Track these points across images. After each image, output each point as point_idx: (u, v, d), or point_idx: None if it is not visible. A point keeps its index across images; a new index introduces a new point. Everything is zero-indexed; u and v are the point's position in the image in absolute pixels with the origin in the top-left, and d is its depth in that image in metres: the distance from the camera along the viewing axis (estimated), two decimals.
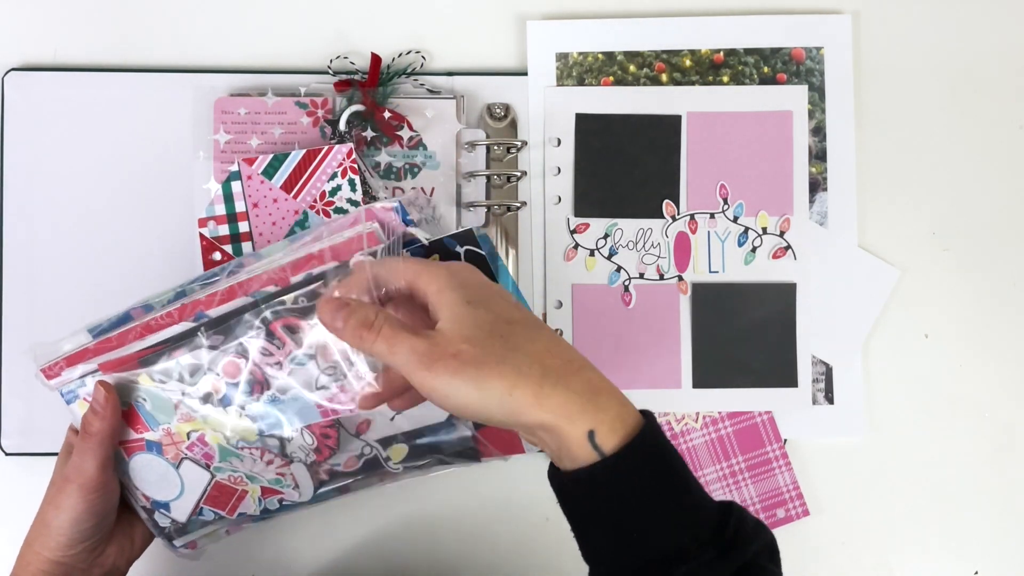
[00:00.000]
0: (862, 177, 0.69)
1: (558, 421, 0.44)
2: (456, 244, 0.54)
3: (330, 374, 0.52)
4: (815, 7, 0.69)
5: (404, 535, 0.67)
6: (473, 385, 0.44)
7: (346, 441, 0.55)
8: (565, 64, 0.68)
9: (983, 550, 0.69)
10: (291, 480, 0.56)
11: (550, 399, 0.44)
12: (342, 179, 0.64)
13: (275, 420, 0.54)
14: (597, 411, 0.44)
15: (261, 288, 0.53)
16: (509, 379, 0.44)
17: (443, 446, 0.56)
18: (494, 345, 0.45)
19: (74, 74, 0.67)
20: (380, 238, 0.53)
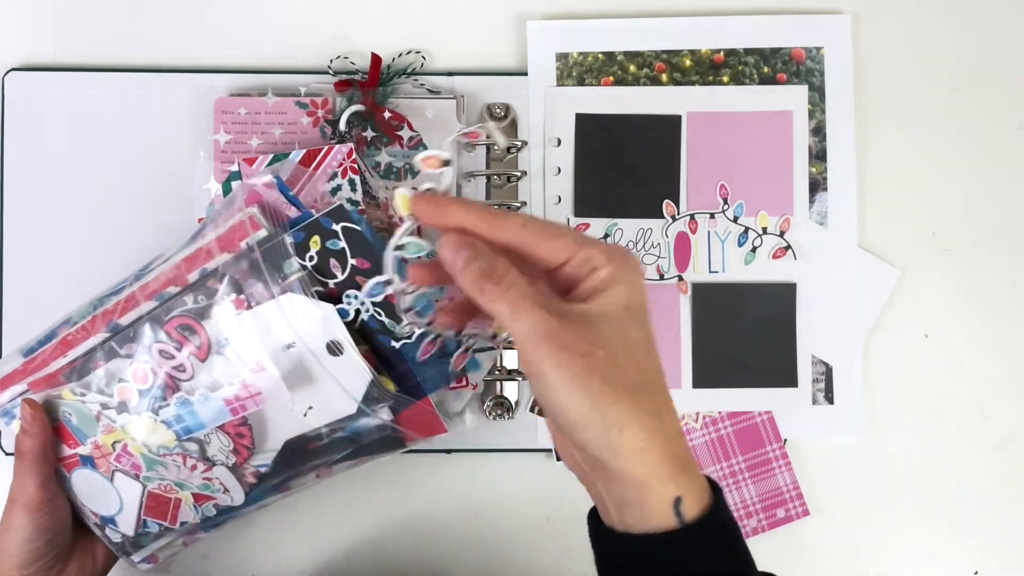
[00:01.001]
0: (862, 177, 0.69)
1: (650, 480, 0.40)
2: (332, 222, 0.54)
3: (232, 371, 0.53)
4: (815, 7, 0.69)
5: (404, 535, 0.67)
6: (588, 399, 0.39)
7: (261, 440, 0.55)
8: (565, 64, 0.68)
9: (983, 550, 0.69)
10: (219, 484, 0.56)
11: (652, 454, 0.39)
12: (342, 179, 0.64)
13: (188, 423, 0.54)
14: (687, 480, 0.40)
15: (163, 290, 0.53)
16: (628, 416, 0.39)
17: (363, 436, 0.55)
18: (628, 370, 0.40)
19: (74, 74, 0.67)
20: (260, 221, 0.53)
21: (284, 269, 0.52)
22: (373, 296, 0.54)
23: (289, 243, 0.53)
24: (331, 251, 0.54)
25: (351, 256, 0.54)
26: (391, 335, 0.54)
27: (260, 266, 0.52)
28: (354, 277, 0.54)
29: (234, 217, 0.54)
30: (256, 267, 0.52)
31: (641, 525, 0.40)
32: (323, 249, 0.54)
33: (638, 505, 0.40)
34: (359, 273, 0.54)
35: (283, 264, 0.52)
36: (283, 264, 0.52)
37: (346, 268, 0.54)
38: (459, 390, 0.65)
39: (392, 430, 0.55)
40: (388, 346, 0.55)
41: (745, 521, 0.67)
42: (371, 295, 0.54)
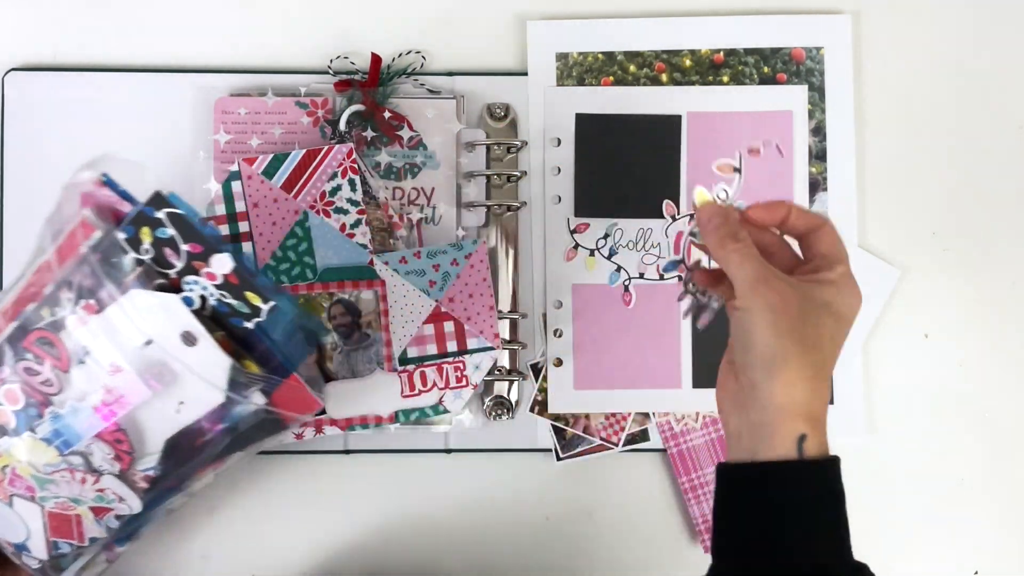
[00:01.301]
0: (862, 177, 0.69)
1: (787, 411, 0.47)
2: (154, 210, 0.52)
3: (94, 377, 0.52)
4: (815, 7, 0.69)
5: (404, 535, 0.67)
6: (774, 331, 0.47)
7: (140, 443, 0.54)
8: (565, 64, 0.68)
9: (983, 550, 0.69)
10: (112, 494, 0.55)
11: (798, 394, 0.48)
12: (342, 179, 0.64)
13: (66, 437, 0.53)
14: (816, 431, 0.48)
15: (22, 308, 0.53)
16: (795, 357, 0.47)
17: (240, 424, 0.54)
18: (810, 335, 0.48)
19: (74, 74, 0.67)
20: (93, 223, 0.52)
21: (122, 267, 0.51)
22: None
23: (122, 239, 0.51)
24: (163, 240, 0.52)
25: (182, 242, 0.52)
26: (242, 316, 0.53)
27: (98, 269, 0.51)
28: (191, 263, 0.52)
29: (71, 223, 0.53)
30: (96, 270, 0.51)
31: (766, 453, 0.48)
32: (155, 240, 0.52)
33: (770, 432, 0.48)
34: (195, 258, 0.52)
35: (120, 262, 0.51)
36: (120, 262, 0.51)
37: (181, 255, 0.52)
38: (459, 390, 0.65)
39: (268, 413, 0.54)
40: (243, 328, 0.53)
41: None
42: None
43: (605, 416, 0.67)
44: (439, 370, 0.64)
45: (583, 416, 0.67)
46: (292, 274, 0.64)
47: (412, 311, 0.64)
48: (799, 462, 0.47)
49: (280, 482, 0.67)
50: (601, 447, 0.67)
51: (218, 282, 0.52)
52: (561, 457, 0.67)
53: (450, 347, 0.64)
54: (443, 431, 0.67)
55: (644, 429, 0.67)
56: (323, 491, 0.67)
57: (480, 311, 0.65)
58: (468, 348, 0.64)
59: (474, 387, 0.65)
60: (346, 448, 0.67)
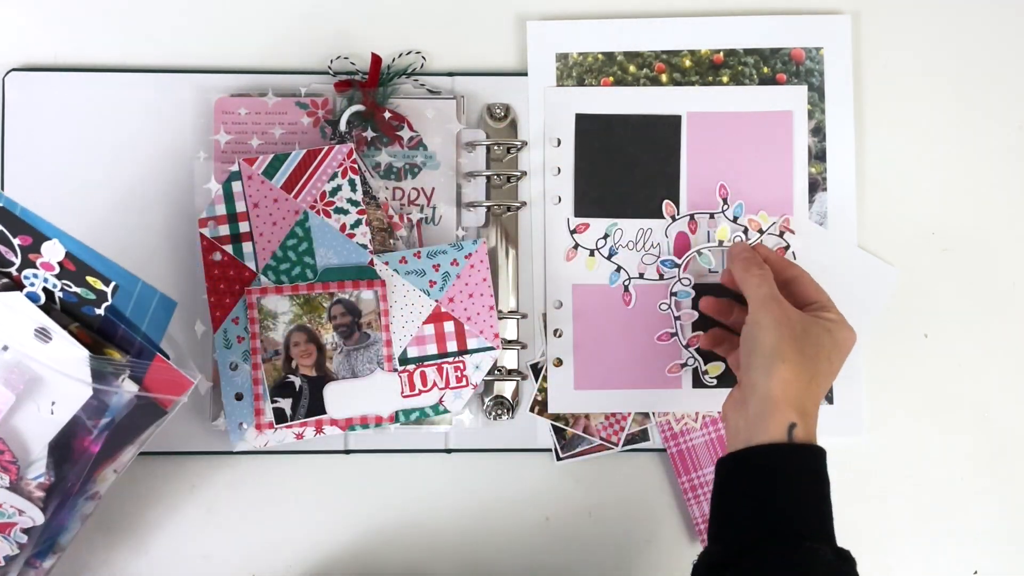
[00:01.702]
0: (862, 177, 0.69)
1: (781, 403, 0.53)
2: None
3: None
4: (815, 7, 0.69)
5: (404, 535, 0.67)
6: (776, 336, 0.54)
7: (23, 451, 0.53)
8: (565, 64, 0.68)
9: (983, 550, 0.69)
10: (10, 508, 0.54)
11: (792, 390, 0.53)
12: (342, 179, 0.64)
13: None
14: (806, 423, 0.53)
15: None
16: (792, 359, 0.54)
17: (119, 414, 0.53)
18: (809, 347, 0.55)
19: (74, 74, 0.67)
20: None
21: None
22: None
23: None
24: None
25: (12, 235, 0.51)
26: (90, 303, 0.52)
27: None
28: (27, 256, 0.51)
29: None
30: None
31: (760, 439, 0.53)
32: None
33: (765, 420, 0.53)
34: (28, 250, 0.51)
35: None
36: None
37: (15, 250, 0.51)
38: (459, 390, 0.65)
39: (140, 399, 0.54)
40: (96, 315, 0.52)
41: None
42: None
43: (605, 416, 0.67)
44: (439, 370, 0.64)
45: (583, 416, 0.67)
46: (292, 274, 0.64)
47: (412, 311, 0.64)
48: (787, 444, 0.53)
49: (280, 482, 0.67)
50: (601, 447, 0.67)
51: (56, 271, 0.51)
52: (561, 457, 0.67)
53: (450, 347, 0.64)
54: (443, 431, 0.67)
55: (644, 429, 0.67)
56: (323, 491, 0.67)
57: (480, 311, 0.65)
58: (468, 348, 0.65)
59: (474, 387, 0.65)
60: (346, 448, 0.67)
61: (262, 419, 0.63)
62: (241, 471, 0.67)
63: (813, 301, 0.60)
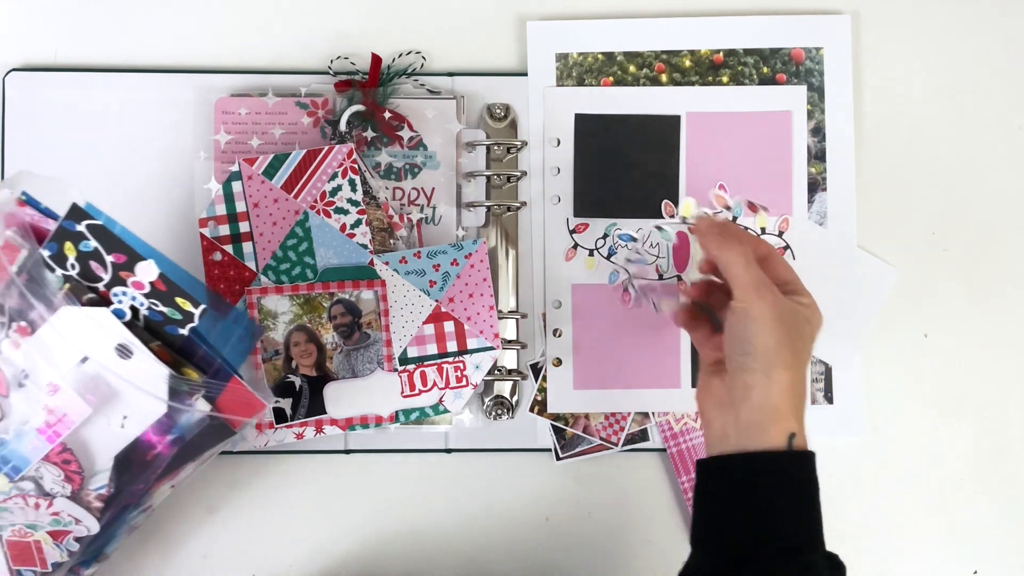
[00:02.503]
0: (861, 177, 0.69)
1: (783, 411, 0.50)
2: (74, 223, 0.51)
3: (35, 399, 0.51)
4: (815, 7, 0.69)
5: (403, 535, 0.67)
6: (776, 336, 0.50)
7: (89, 462, 0.53)
8: (565, 64, 0.68)
9: (983, 550, 0.69)
10: (68, 517, 0.55)
11: (792, 399, 0.51)
12: (342, 179, 0.64)
13: (14, 463, 0.52)
14: (802, 430, 0.51)
15: None
16: (792, 365, 0.51)
17: (187, 432, 0.54)
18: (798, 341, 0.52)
19: (74, 74, 0.67)
20: (17, 243, 0.51)
21: (51, 285, 0.51)
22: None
23: (46, 257, 0.51)
24: (87, 253, 0.51)
25: (106, 253, 0.52)
26: (175, 323, 0.52)
27: (26, 290, 0.50)
28: (118, 274, 0.52)
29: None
30: (24, 291, 0.51)
31: (755, 444, 0.50)
32: (80, 254, 0.51)
33: (763, 428, 0.50)
34: (120, 268, 0.51)
35: (48, 281, 0.51)
36: (48, 281, 0.51)
37: (107, 267, 0.52)
38: (459, 390, 0.65)
39: (213, 419, 0.54)
40: (177, 335, 0.53)
41: None
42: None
43: (605, 416, 0.67)
44: (439, 370, 0.65)
45: (583, 416, 0.67)
46: (292, 274, 0.64)
47: (412, 311, 0.64)
48: (788, 452, 0.50)
49: (280, 482, 0.67)
50: (601, 447, 0.67)
51: (146, 290, 0.52)
52: (561, 457, 0.67)
53: (450, 347, 0.64)
54: (443, 431, 0.67)
55: (644, 429, 0.67)
56: (323, 491, 0.67)
57: (480, 311, 0.65)
58: (468, 348, 0.65)
59: (474, 387, 0.65)
60: (346, 448, 0.67)
61: (262, 419, 0.63)
62: (241, 471, 0.67)
63: (786, 281, 0.55)
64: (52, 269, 0.51)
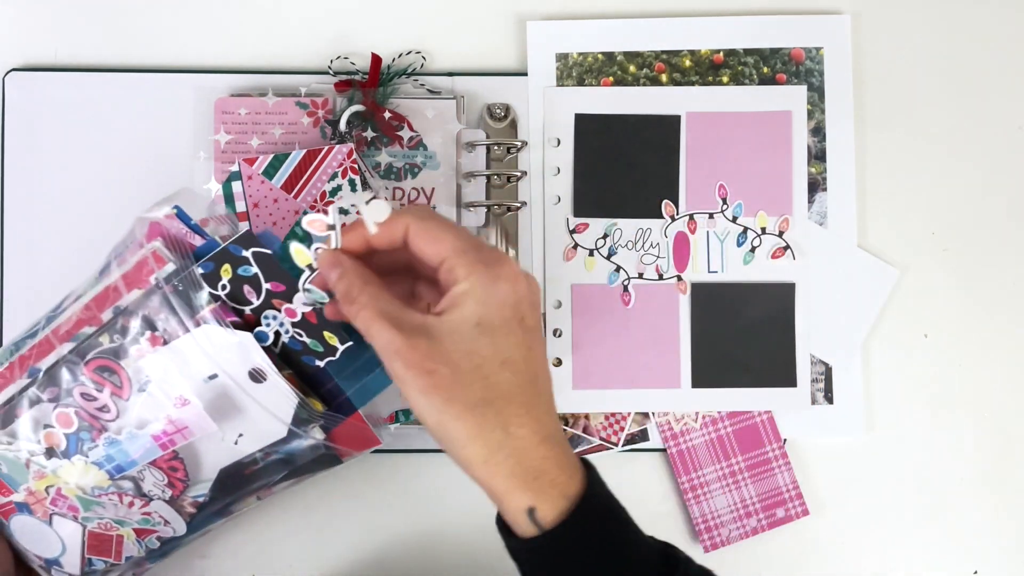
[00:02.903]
0: (862, 177, 0.69)
1: (498, 493, 0.44)
2: (241, 248, 0.52)
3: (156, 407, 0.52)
4: (815, 7, 0.69)
5: (403, 535, 0.67)
6: (435, 413, 0.42)
7: (196, 472, 0.54)
8: (565, 64, 0.68)
9: (983, 550, 0.69)
10: (159, 518, 0.56)
11: (497, 468, 0.43)
12: (342, 179, 0.64)
13: (119, 462, 0.53)
14: (538, 490, 0.43)
15: (77, 331, 0.53)
16: (468, 433, 0.42)
17: (297, 457, 0.55)
18: (474, 386, 0.42)
19: (74, 74, 0.67)
20: (165, 255, 0.52)
21: (196, 301, 0.51)
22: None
23: (199, 274, 0.52)
24: (244, 277, 0.52)
25: (265, 280, 0.52)
26: (314, 354, 0.53)
27: (171, 301, 0.51)
28: (270, 301, 0.53)
29: (138, 253, 0.53)
30: (167, 302, 0.51)
31: (515, 530, 0.44)
32: (235, 276, 0.52)
33: (502, 512, 0.44)
34: (275, 296, 0.52)
35: (194, 296, 0.51)
36: (194, 296, 0.51)
37: (261, 293, 0.52)
38: None
39: (326, 448, 0.55)
40: (312, 366, 0.54)
41: (745, 521, 0.67)
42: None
43: (605, 416, 0.67)
44: None
45: (583, 416, 0.67)
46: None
47: None
48: (542, 536, 0.43)
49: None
50: (601, 447, 0.67)
51: (297, 319, 0.52)
52: None
53: None
54: None
55: (644, 429, 0.67)
56: (323, 491, 0.67)
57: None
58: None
59: None
60: None
61: None
62: None
63: (439, 262, 0.44)
64: (201, 287, 0.51)
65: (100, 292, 0.53)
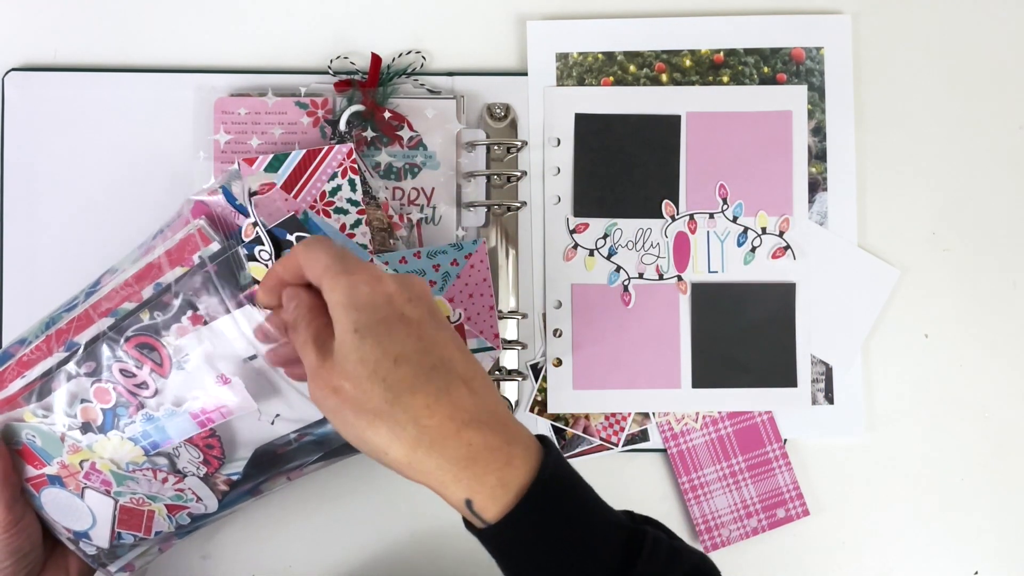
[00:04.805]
0: (862, 177, 0.69)
1: (435, 489, 0.43)
2: (286, 232, 0.52)
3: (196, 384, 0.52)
4: (815, 7, 0.69)
5: (403, 534, 0.67)
6: (350, 428, 0.42)
7: (232, 450, 0.54)
8: (565, 64, 0.68)
9: (983, 550, 0.69)
10: (191, 495, 0.56)
11: (422, 464, 0.42)
12: (342, 179, 0.64)
13: (156, 439, 0.53)
14: (472, 479, 0.42)
15: (117, 307, 0.53)
16: (384, 438, 0.42)
17: (332, 440, 0.55)
18: (374, 391, 0.41)
19: (74, 74, 0.67)
20: (209, 234, 0.52)
21: (240, 281, 0.51)
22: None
23: (244, 255, 0.52)
24: None
25: None
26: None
27: (214, 280, 0.51)
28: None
29: (182, 230, 0.53)
30: (210, 281, 0.51)
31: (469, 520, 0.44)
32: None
33: (441, 495, 0.43)
34: None
35: (238, 276, 0.51)
36: (238, 276, 0.51)
37: None
38: None
39: None
40: None
41: (745, 521, 0.67)
42: None
43: (605, 416, 0.67)
44: None
45: (583, 416, 0.67)
46: None
47: None
48: (488, 529, 0.43)
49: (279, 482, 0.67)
50: (601, 447, 0.67)
51: None
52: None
53: None
54: None
55: (644, 429, 0.67)
56: (323, 491, 0.67)
57: (480, 311, 0.65)
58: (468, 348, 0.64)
59: None
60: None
61: None
62: None
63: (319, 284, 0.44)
64: (244, 267, 0.52)
65: (142, 268, 0.53)
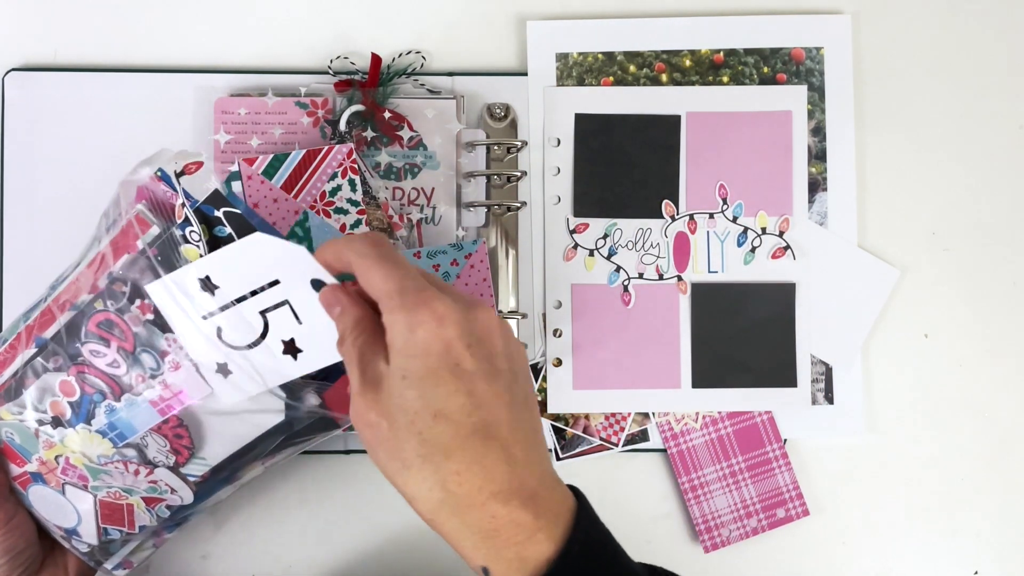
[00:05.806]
0: (862, 177, 0.69)
1: (454, 547, 0.42)
2: (213, 208, 0.51)
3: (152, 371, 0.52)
4: (815, 7, 0.69)
5: (403, 535, 0.67)
6: (382, 466, 0.42)
7: (199, 439, 0.54)
8: (565, 64, 0.68)
9: (983, 550, 0.69)
10: (165, 486, 0.56)
11: (443, 524, 0.41)
12: (342, 179, 0.64)
13: (121, 430, 0.53)
14: (491, 551, 0.41)
15: (75, 299, 0.53)
16: (411, 489, 0.41)
17: (295, 423, 0.55)
18: (409, 443, 0.40)
19: (74, 74, 0.67)
20: (148, 218, 0.52)
21: (178, 264, 0.50)
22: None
23: (179, 236, 0.51)
24: (220, 238, 0.51)
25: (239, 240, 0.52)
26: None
27: (154, 266, 0.51)
28: None
29: (124, 218, 0.53)
30: (150, 268, 0.51)
31: None
32: (212, 237, 0.51)
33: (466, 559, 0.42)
34: None
35: (176, 260, 0.50)
36: (176, 260, 0.50)
37: None
38: None
39: (321, 413, 0.55)
40: None
41: (745, 521, 0.67)
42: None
43: (605, 416, 0.67)
44: None
45: (583, 416, 0.67)
46: None
47: None
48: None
49: (280, 482, 0.67)
50: (601, 447, 0.67)
51: None
52: (561, 457, 0.67)
53: None
54: None
55: (644, 429, 0.67)
56: (323, 491, 0.67)
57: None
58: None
59: None
60: (346, 448, 0.67)
61: None
62: None
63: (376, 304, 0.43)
64: (178, 250, 0.51)
65: (92, 258, 0.53)
